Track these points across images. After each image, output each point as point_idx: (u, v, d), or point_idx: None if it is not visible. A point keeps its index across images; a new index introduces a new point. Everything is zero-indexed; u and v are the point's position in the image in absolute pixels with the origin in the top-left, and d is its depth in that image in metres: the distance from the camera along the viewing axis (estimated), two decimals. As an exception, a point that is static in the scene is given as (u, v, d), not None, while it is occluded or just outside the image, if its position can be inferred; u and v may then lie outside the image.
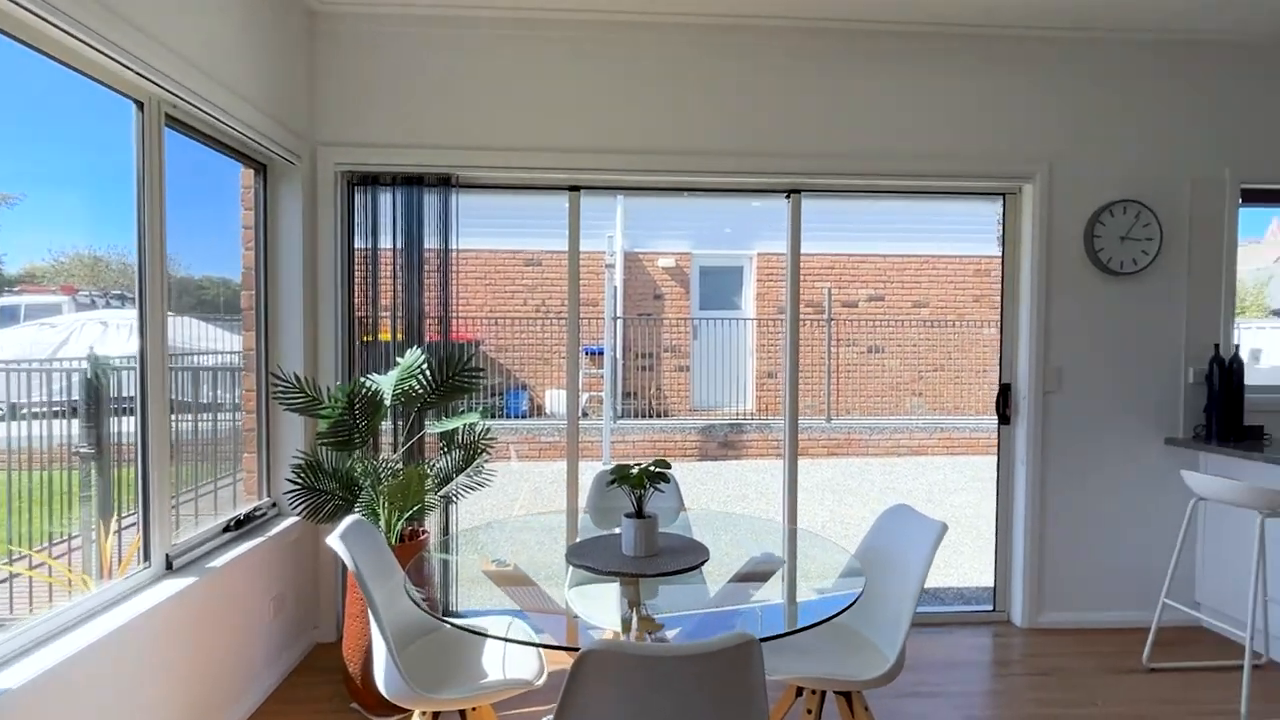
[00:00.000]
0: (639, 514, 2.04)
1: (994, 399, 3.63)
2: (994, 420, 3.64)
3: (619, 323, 9.67)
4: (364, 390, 2.73)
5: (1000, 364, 3.63)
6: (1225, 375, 3.37)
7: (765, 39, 3.33)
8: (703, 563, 1.99)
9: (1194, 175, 3.48)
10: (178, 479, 3.07)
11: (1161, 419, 3.52)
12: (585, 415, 9.54)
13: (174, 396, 3.42)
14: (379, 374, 3.17)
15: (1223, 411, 3.38)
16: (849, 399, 9.93)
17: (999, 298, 3.62)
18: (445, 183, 3.28)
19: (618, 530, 2.42)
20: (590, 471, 3.19)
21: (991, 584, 3.69)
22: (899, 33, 3.36)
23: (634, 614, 2.04)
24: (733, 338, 10.02)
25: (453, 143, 3.27)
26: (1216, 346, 3.47)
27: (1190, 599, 3.52)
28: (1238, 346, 3.45)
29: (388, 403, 2.87)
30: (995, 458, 3.66)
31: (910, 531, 2.13)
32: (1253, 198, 3.56)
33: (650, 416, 9.57)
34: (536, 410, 9.54)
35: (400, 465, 2.96)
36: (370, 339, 3.33)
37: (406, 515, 2.84)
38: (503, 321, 9.63)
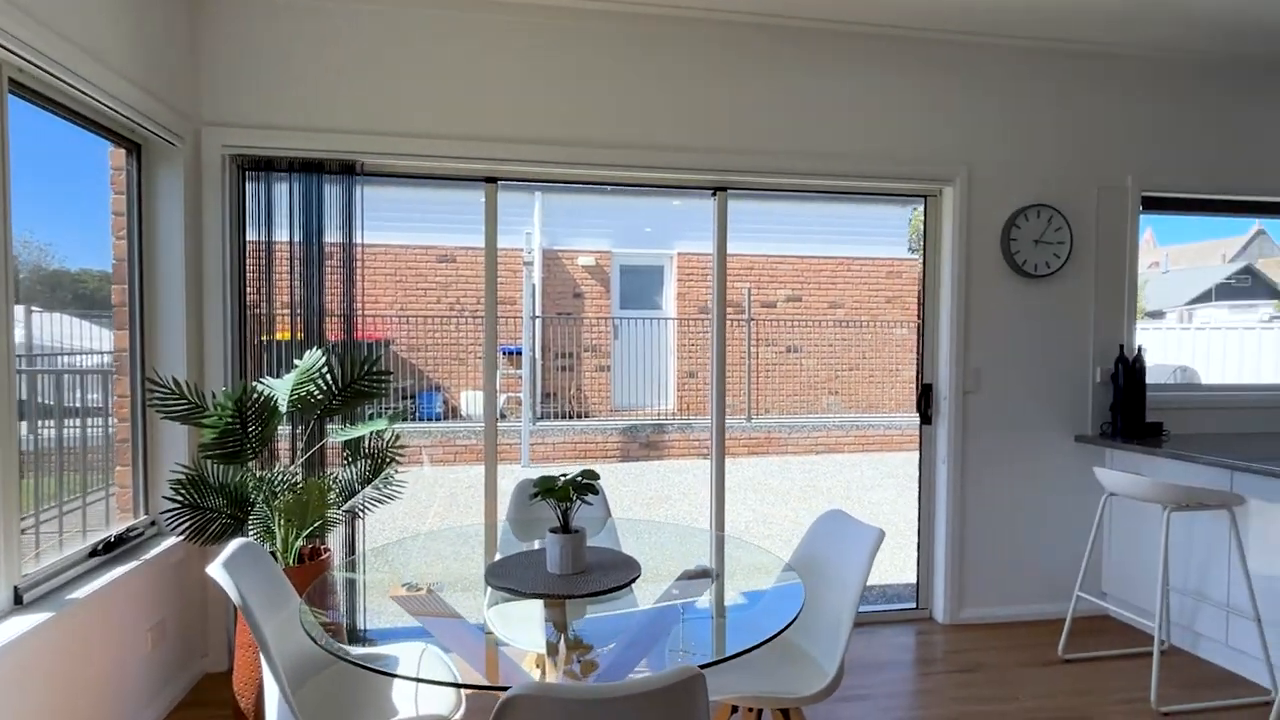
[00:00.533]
0: (565, 529, 1.88)
1: (907, 397, 3.66)
2: (907, 417, 3.68)
3: (538, 322, 9.44)
4: (255, 396, 2.46)
5: (920, 364, 3.66)
6: (1129, 375, 3.51)
7: (695, 32, 3.23)
8: (634, 579, 1.85)
9: (1100, 183, 3.61)
10: (36, 496, 2.70)
11: (1072, 417, 3.64)
12: (503, 417, 9.26)
13: (40, 400, 3.04)
14: (275, 377, 2.89)
15: (1127, 409, 3.51)
16: (768, 398, 10.05)
17: (911, 299, 3.65)
18: (349, 170, 3.02)
19: (541, 544, 2.26)
20: (510, 476, 3.01)
21: (914, 581, 3.72)
22: (828, 31, 3.32)
23: (561, 638, 1.89)
24: (654, 337, 9.96)
25: (358, 127, 3.02)
26: (1121, 347, 3.61)
27: (1098, 589, 3.64)
28: (1140, 347, 3.59)
29: (284, 409, 2.61)
30: (906, 453, 3.70)
31: (846, 538, 2.06)
32: (1152, 205, 3.72)
33: (570, 418, 9.39)
34: (451, 412, 9.19)
35: (299, 478, 2.69)
36: (267, 339, 3.03)
37: (306, 533, 2.58)
38: (415, 320, 9.23)
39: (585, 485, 1.85)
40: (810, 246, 10.32)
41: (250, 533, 2.57)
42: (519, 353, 9.14)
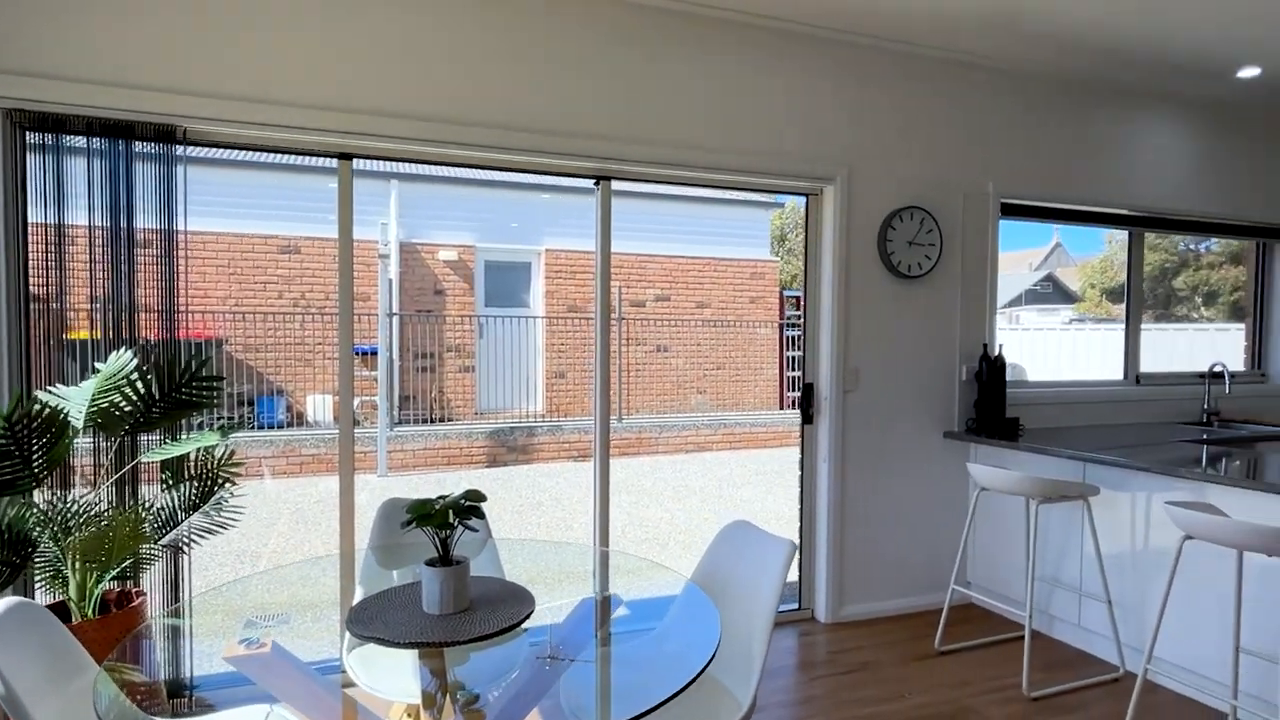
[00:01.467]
0: (445, 560, 1.60)
1: (771, 394, 3.64)
2: (771, 414, 3.67)
3: (395, 319, 8.82)
4: (36, 409, 1.97)
5: (803, 364, 3.65)
6: (992, 372, 3.67)
7: (582, 11, 3.00)
8: (528, 616, 1.61)
9: (966, 188, 3.75)
10: None
11: (942, 414, 3.75)
12: (357, 423, 8.57)
13: None
14: (68, 385, 2.36)
15: (990, 406, 3.67)
16: (638, 398, 9.98)
17: (774, 299, 3.64)
18: (168, 137, 2.53)
19: (415, 576, 1.95)
20: (366, 488, 2.64)
21: (796, 580, 3.70)
22: (718, 20, 3.21)
23: (439, 686, 1.61)
24: (521, 336, 9.61)
25: (179, 85, 2.53)
26: (985, 346, 3.77)
27: (963, 579, 3.79)
28: (1002, 346, 3.77)
29: (79, 424, 2.11)
30: (771, 450, 3.68)
31: (753, 552, 1.92)
32: (1010, 211, 3.91)
33: (431, 422, 8.85)
34: (296, 419, 8.38)
35: (103, 507, 2.21)
36: (60, 339, 2.48)
37: (112, 575, 2.11)
38: (253, 317, 8.34)
39: (469, 508, 1.58)
40: (678, 246, 10.38)
41: (37, 581, 2.07)
42: (374, 353, 8.49)
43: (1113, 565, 3.09)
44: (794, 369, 10.79)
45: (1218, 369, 4.42)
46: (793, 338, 10.91)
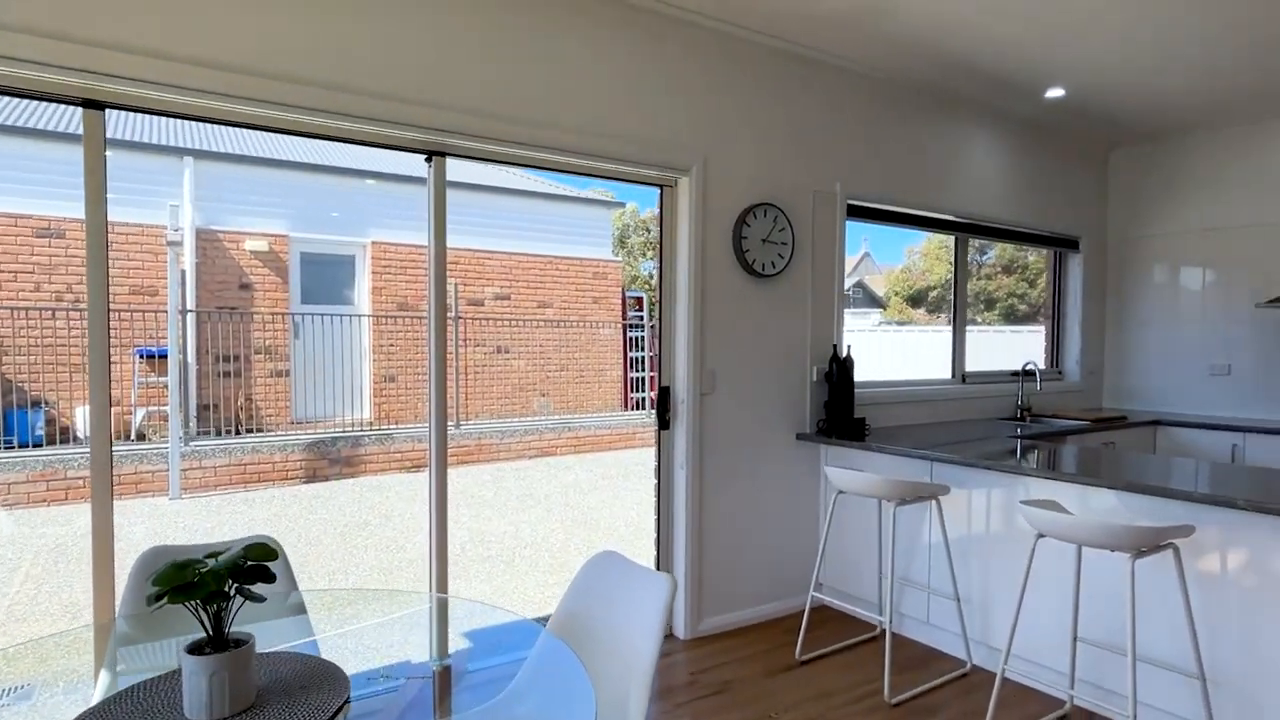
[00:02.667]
0: (218, 643, 1.17)
1: (614, 396, 3.42)
2: (617, 415, 3.46)
3: (190, 317, 7.69)
4: None
5: (659, 366, 3.44)
6: (841, 373, 3.66)
7: (400, -49, 2.57)
8: (341, 708, 1.21)
9: (815, 187, 3.72)
10: None
11: (795, 415, 3.70)
12: (142, 437, 7.36)
13: None
14: None
15: (839, 406, 3.66)
16: (478, 402, 9.44)
17: (616, 300, 3.43)
18: None
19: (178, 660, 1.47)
20: (155, 515, 2.07)
21: (652, 598, 3.47)
22: (560, -16, 2.90)
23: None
24: (344, 337, 8.74)
25: None
26: (835, 347, 3.76)
27: (820, 582, 3.76)
28: (850, 346, 3.78)
29: None
30: (617, 452, 3.47)
31: (625, 591, 1.64)
32: (855, 213, 3.94)
33: (238, 433, 7.80)
34: (62, 435, 7.04)
35: None
36: None
37: None
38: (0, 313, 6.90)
39: (254, 569, 1.16)
40: (518, 243, 9.94)
41: None
42: (164, 355, 7.33)
43: (959, 562, 3.15)
44: (638, 370, 10.72)
45: (1030, 368, 4.77)
46: (636, 338, 10.84)
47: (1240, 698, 2.31)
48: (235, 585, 1.13)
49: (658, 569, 3.43)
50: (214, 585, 1.09)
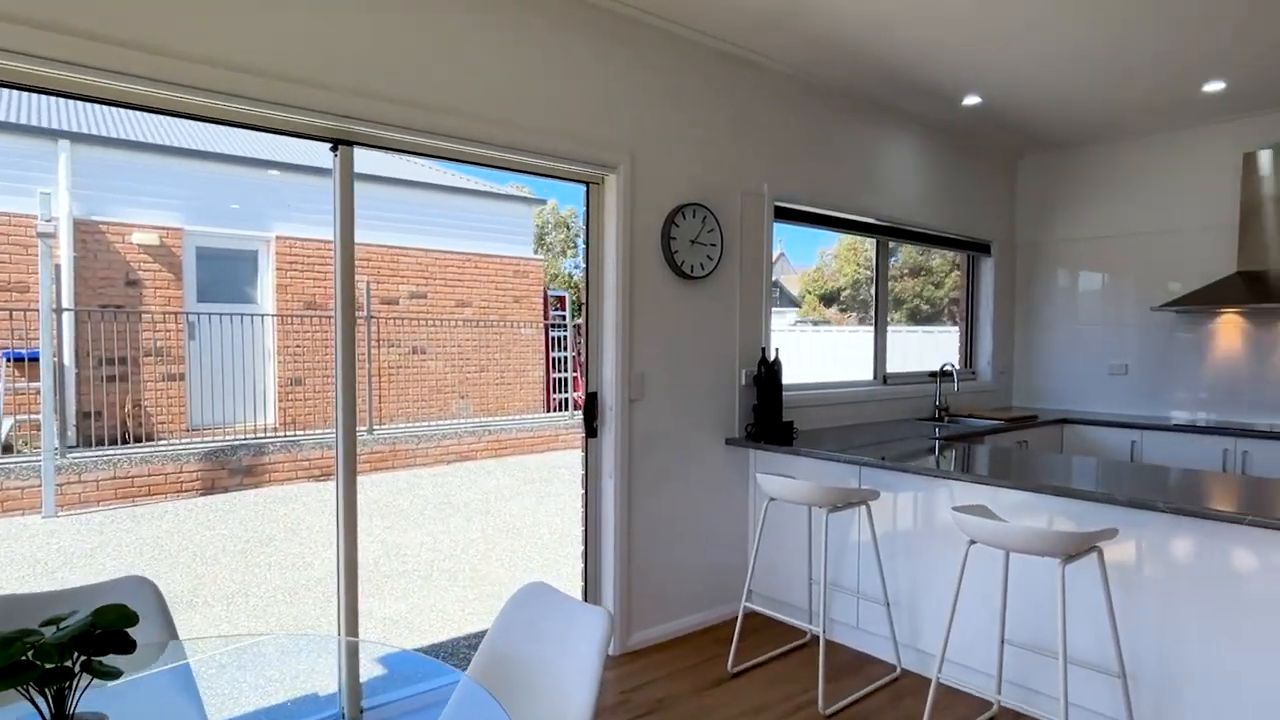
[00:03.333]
0: (65, 723, 0.96)
1: (537, 397, 3.28)
2: (539, 417, 3.32)
3: (67, 316, 7.02)
4: None
5: (586, 371, 3.30)
6: (770, 376, 3.61)
7: (300, -82, 2.34)
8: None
9: (743, 187, 3.66)
10: None
11: (724, 420, 3.63)
12: (9, 449, 6.67)
13: None
14: None
15: (767, 411, 3.61)
16: (392, 405, 9.03)
17: (538, 299, 3.29)
18: None
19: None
20: (24, 536, 1.78)
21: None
22: (479, -35, 2.71)
23: None
24: (246, 338, 8.19)
25: None
26: (764, 350, 3.71)
27: (747, 589, 3.70)
28: (778, 349, 3.74)
29: None
30: (540, 455, 3.33)
31: (556, 628, 1.50)
32: (781, 215, 3.91)
33: (125, 443, 7.17)
34: (-87, 448, 6.28)
35: None
36: None
37: None
38: None
39: (106, 638, 0.96)
40: (436, 240, 9.59)
41: None
42: (35, 358, 6.66)
43: (888, 566, 3.15)
44: (560, 370, 10.52)
45: (947, 369, 4.87)
46: (558, 338, 10.64)
47: (1157, 692, 2.38)
48: (81, 660, 0.93)
49: (585, 582, 3.29)
50: (52, 662, 0.89)
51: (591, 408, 3.26)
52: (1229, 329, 4.55)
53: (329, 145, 2.55)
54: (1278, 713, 2.14)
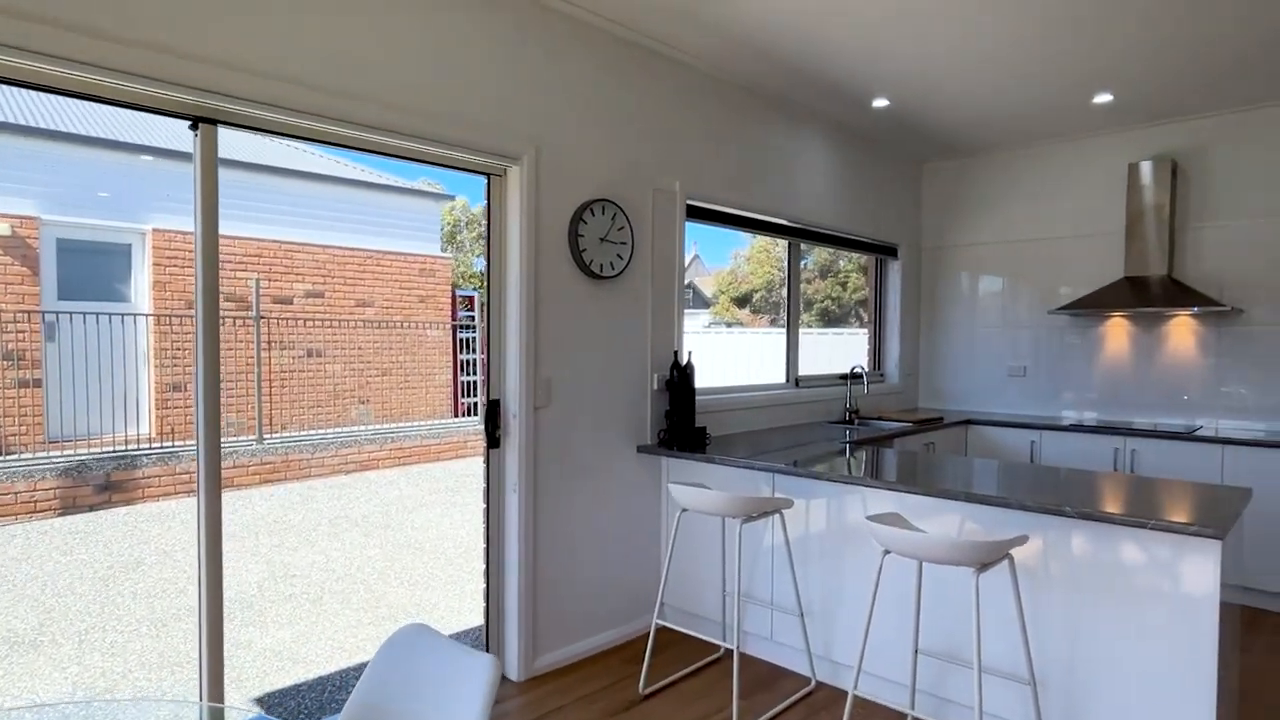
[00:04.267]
0: None
1: (444, 401, 3.06)
2: (447, 423, 3.09)
3: (-103, 316, 6.18)
4: None
5: (487, 377, 3.07)
6: (683, 380, 3.49)
7: None
8: None
9: (655, 184, 3.52)
10: None
11: (636, 426, 3.48)
12: None
13: None
14: None
15: (680, 416, 3.49)
16: (285, 412, 8.45)
17: (445, 299, 3.06)
18: None
19: None
20: None
21: (478, 625, 3.11)
22: (363, -70, 2.45)
23: None
24: (117, 340, 7.47)
25: None
26: (676, 353, 3.58)
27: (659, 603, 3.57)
28: (690, 352, 3.62)
29: None
30: (446, 463, 3.10)
31: (436, 676, 1.29)
32: (693, 214, 3.79)
33: (-32, 458, 6.37)
34: None
35: None
36: None
37: None
38: None
39: None
40: (334, 236, 9.05)
41: None
42: None
43: (801, 576, 3.07)
44: (469, 373, 10.14)
45: (857, 371, 4.90)
46: (467, 340, 10.26)
47: (1065, 698, 2.38)
48: None
49: (487, 603, 3.07)
50: None
51: (493, 416, 3.04)
52: (1117, 332, 4.77)
53: (189, 123, 2.25)
54: (1178, 708, 2.16)
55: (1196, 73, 3.77)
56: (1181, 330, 4.52)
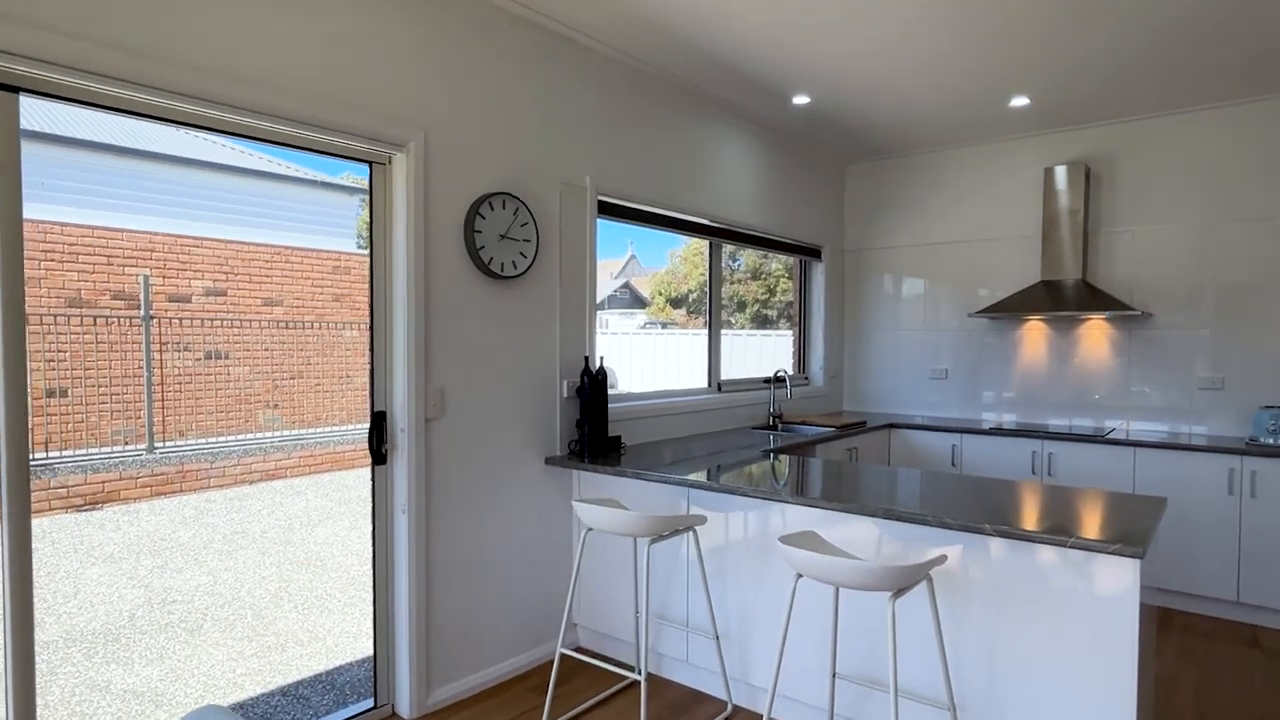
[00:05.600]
0: None
1: (361, 405, 2.76)
2: (363, 428, 2.78)
3: None
4: None
5: (371, 387, 2.79)
6: (595, 387, 3.27)
7: None
8: None
9: (564, 179, 3.29)
10: None
11: (544, 437, 3.24)
12: None
13: None
14: None
15: (592, 425, 3.27)
16: (182, 419, 7.85)
17: (362, 298, 2.78)
18: None
19: None
20: None
21: (371, 668, 2.83)
22: (213, -122, 2.14)
23: None
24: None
25: None
26: (587, 359, 3.36)
27: (570, 626, 3.34)
28: (603, 357, 3.40)
29: None
30: (360, 470, 2.81)
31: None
32: (605, 210, 3.58)
33: None
34: None
35: None
36: None
37: None
38: None
39: None
40: (237, 230, 8.47)
41: None
42: None
43: (716, 596, 2.89)
44: (389, 375, 9.66)
45: (780, 375, 4.78)
46: (387, 341, 9.78)
47: (985, 716, 2.26)
48: None
49: (375, 634, 2.78)
50: None
51: (379, 430, 2.76)
52: (1034, 335, 4.78)
53: (-14, 91, 1.90)
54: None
55: (1108, 79, 3.77)
56: (1095, 333, 4.56)
